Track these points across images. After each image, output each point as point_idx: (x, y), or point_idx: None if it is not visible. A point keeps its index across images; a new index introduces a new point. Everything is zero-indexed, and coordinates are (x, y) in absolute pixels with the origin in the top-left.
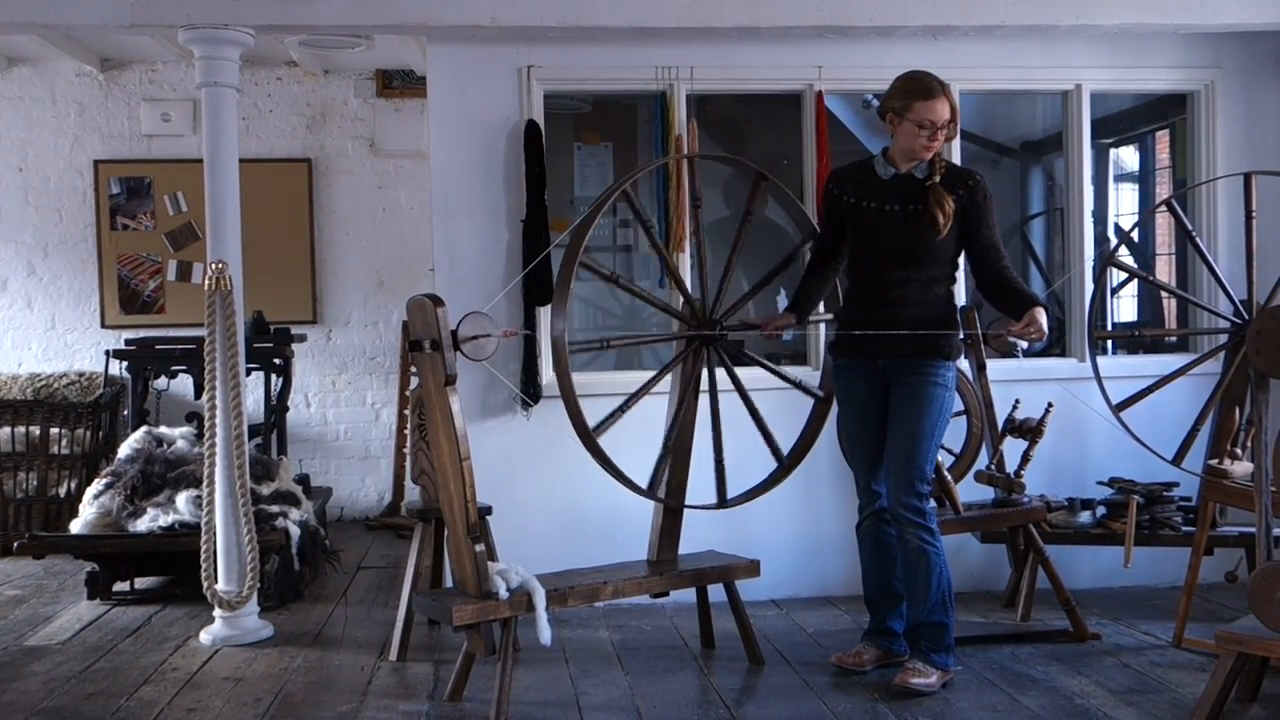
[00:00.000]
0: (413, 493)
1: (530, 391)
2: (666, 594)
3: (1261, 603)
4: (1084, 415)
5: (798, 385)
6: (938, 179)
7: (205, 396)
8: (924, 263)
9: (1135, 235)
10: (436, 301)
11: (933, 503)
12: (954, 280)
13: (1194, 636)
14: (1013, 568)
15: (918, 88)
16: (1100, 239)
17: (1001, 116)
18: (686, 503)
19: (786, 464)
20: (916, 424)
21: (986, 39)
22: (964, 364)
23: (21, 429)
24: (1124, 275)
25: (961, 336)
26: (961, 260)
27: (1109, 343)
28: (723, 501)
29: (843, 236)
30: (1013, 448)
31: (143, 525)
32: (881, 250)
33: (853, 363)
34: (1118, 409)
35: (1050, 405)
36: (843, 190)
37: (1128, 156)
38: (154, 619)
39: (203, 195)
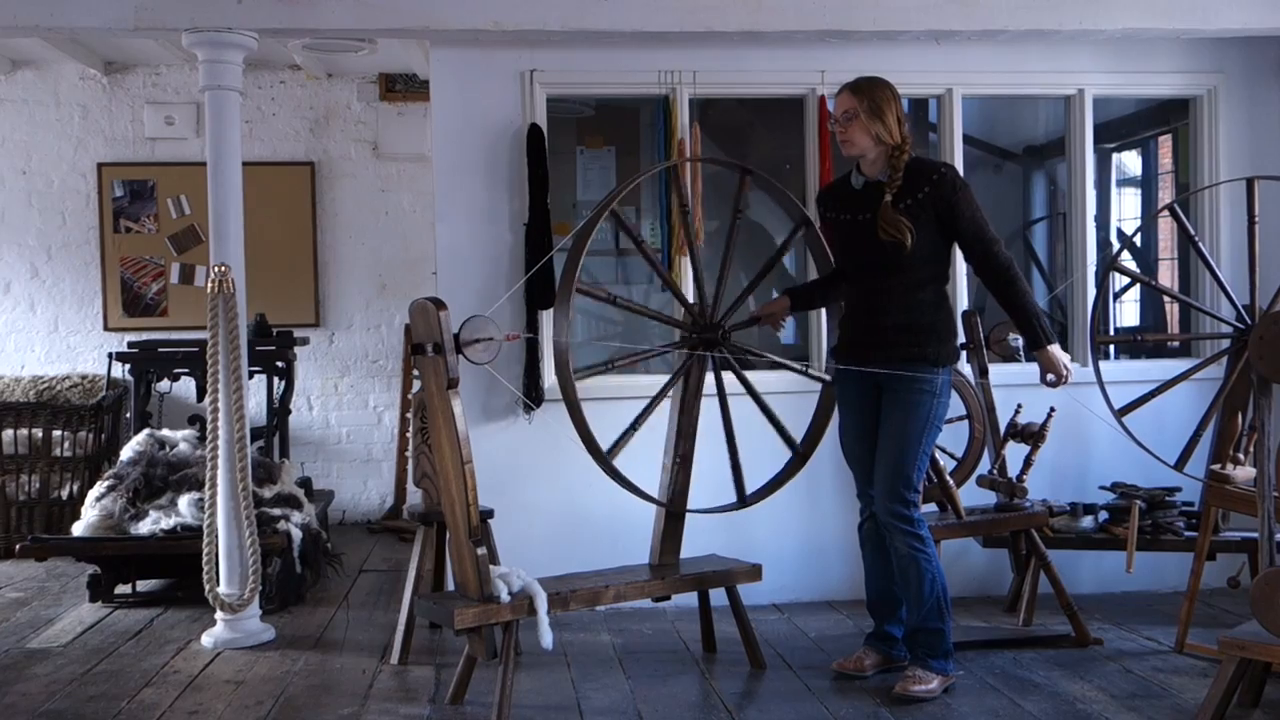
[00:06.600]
0: (414, 496)
1: (532, 395)
2: (668, 598)
3: (1264, 608)
4: (1086, 420)
5: (804, 372)
6: (889, 197)
7: (207, 399)
8: (904, 268)
9: (1138, 240)
10: (439, 305)
11: (933, 507)
12: (944, 280)
13: (1196, 642)
14: (1015, 572)
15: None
16: (1102, 244)
17: (1004, 121)
18: (690, 508)
19: (801, 451)
20: (902, 432)
21: (989, 43)
22: (966, 368)
23: (24, 431)
24: (1126, 280)
25: (962, 343)
26: (961, 263)
27: (1111, 347)
28: (742, 501)
29: None
30: (1015, 452)
31: (145, 528)
32: (859, 259)
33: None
34: (1120, 414)
35: (1052, 410)
36: (825, 206)
37: (1130, 161)
38: (156, 622)
39: (205, 198)
